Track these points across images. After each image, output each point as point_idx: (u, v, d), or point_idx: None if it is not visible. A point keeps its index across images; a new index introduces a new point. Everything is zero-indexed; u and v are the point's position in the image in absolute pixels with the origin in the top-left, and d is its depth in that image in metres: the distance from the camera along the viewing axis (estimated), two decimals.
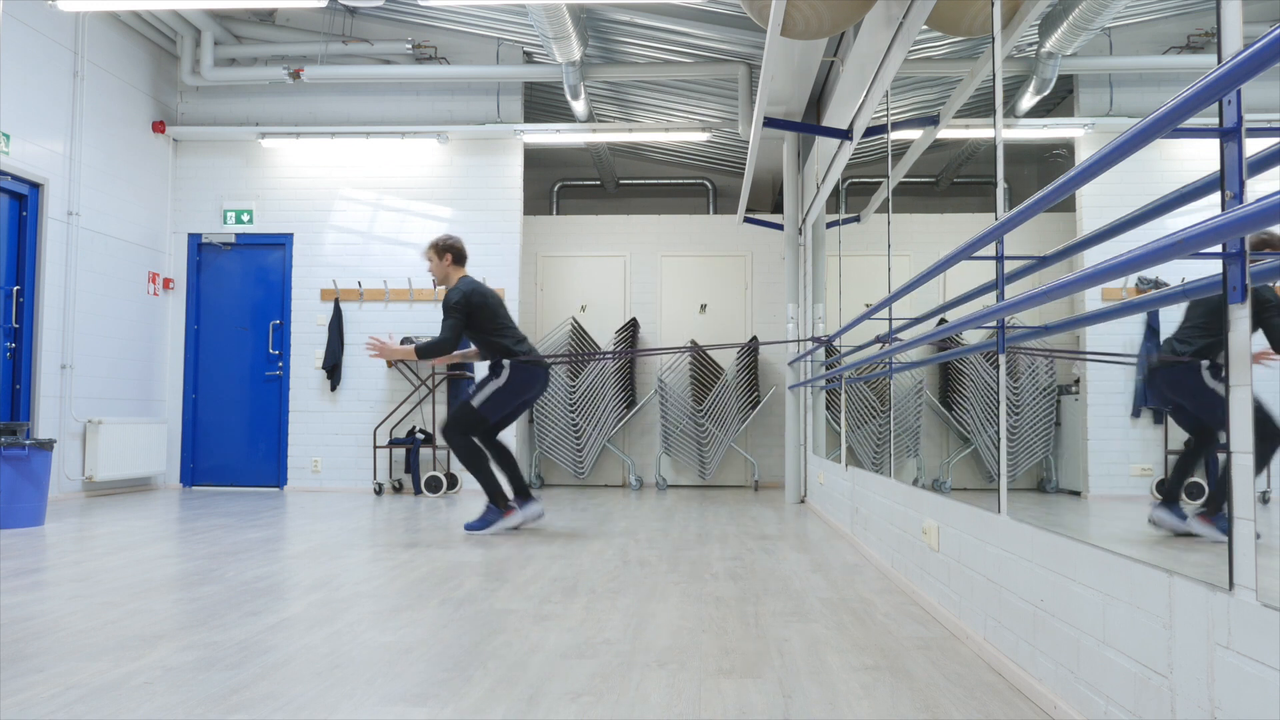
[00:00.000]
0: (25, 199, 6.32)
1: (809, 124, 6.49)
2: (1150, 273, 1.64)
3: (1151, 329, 1.65)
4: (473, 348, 5.18)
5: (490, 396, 4.78)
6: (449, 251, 4.97)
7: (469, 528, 4.75)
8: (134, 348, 7.41)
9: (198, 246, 7.90)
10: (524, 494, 4.95)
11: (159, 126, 7.68)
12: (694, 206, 9.93)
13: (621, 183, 9.95)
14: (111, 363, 7.12)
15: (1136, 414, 1.69)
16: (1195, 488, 1.52)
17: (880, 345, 3.75)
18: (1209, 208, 1.41)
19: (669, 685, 2.09)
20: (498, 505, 4.78)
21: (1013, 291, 2.25)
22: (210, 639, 2.47)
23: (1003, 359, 2.31)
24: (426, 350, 4.69)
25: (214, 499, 6.77)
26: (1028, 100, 2.23)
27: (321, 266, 7.80)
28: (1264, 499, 1.24)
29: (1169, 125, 1.27)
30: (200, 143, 7.92)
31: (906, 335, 3.40)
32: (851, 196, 4.91)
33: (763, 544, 4.52)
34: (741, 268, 8.75)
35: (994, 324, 2.35)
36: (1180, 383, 1.43)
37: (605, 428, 8.19)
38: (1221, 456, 1.32)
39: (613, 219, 8.88)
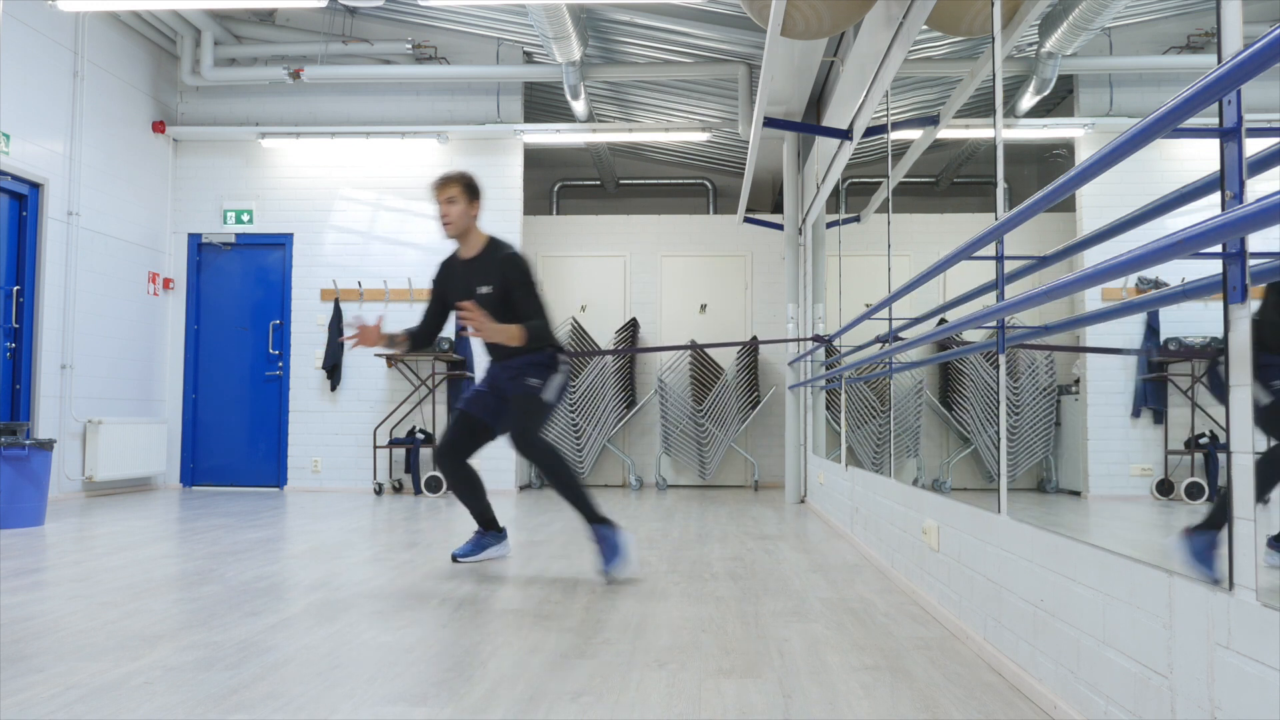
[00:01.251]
0: (25, 199, 6.32)
1: (809, 124, 6.49)
2: (1150, 273, 1.64)
3: (1151, 329, 1.65)
4: (402, 334, 3.82)
5: (558, 394, 3.70)
6: (479, 199, 3.72)
7: (610, 567, 3.41)
8: (134, 348, 7.41)
9: (198, 246, 7.90)
10: (496, 525, 3.93)
11: (159, 126, 7.68)
12: (694, 206, 9.93)
13: (621, 183, 9.94)
14: (111, 363, 7.12)
15: (1136, 414, 1.69)
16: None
17: (880, 345, 3.75)
18: (1209, 208, 1.41)
19: (669, 685, 2.09)
20: (606, 523, 3.50)
21: (1013, 291, 2.25)
22: (210, 639, 2.47)
23: (1003, 359, 2.31)
24: (537, 333, 3.64)
25: (214, 499, 6.77)
26: (1028, 100, 2.23)
27: (321, 266, 7.80)
28: (1264, 500, 1.24)
29: (1169, 125, 1.27)
30: (200, 143, 7.92)
31: (907, 335, 3.40)
32: (851, 196, 4.91)
33: (763, 544, 4.52)
34: (741, 268, 8.75)
35: (994, 324, 2.35)
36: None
37: (605, 427, 8.19)
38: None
39: (613, 219, 8.88)
